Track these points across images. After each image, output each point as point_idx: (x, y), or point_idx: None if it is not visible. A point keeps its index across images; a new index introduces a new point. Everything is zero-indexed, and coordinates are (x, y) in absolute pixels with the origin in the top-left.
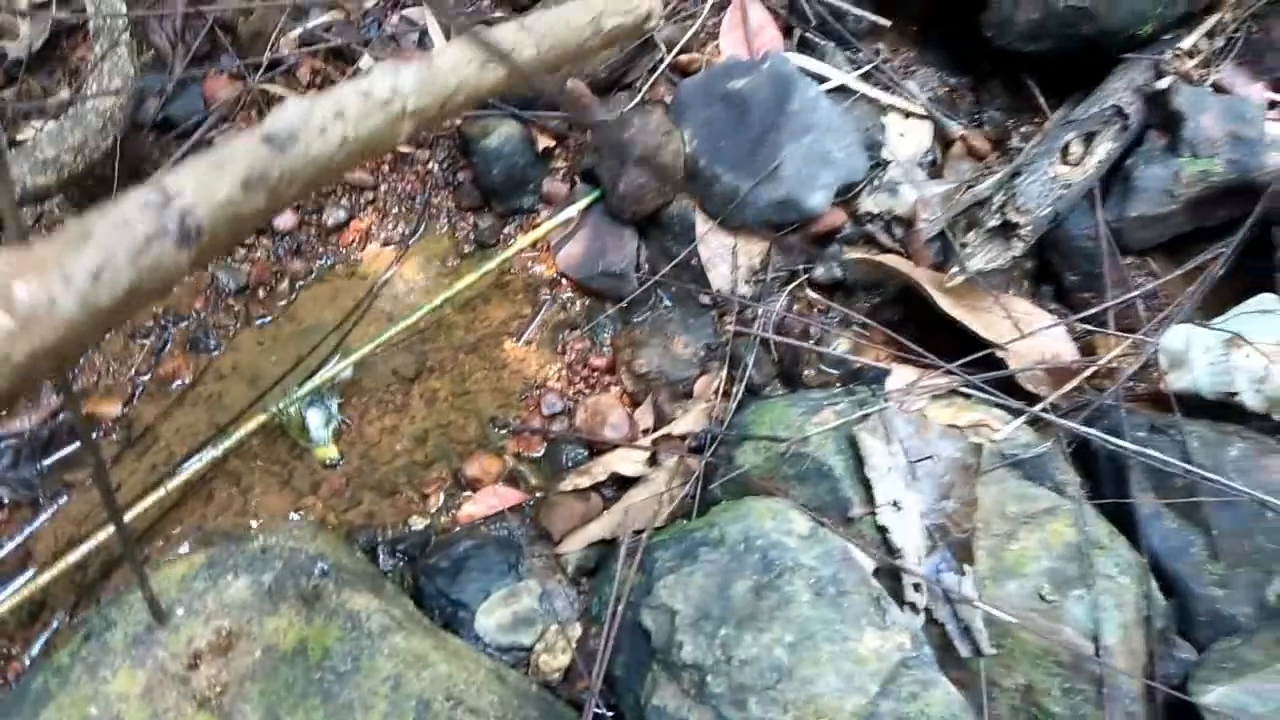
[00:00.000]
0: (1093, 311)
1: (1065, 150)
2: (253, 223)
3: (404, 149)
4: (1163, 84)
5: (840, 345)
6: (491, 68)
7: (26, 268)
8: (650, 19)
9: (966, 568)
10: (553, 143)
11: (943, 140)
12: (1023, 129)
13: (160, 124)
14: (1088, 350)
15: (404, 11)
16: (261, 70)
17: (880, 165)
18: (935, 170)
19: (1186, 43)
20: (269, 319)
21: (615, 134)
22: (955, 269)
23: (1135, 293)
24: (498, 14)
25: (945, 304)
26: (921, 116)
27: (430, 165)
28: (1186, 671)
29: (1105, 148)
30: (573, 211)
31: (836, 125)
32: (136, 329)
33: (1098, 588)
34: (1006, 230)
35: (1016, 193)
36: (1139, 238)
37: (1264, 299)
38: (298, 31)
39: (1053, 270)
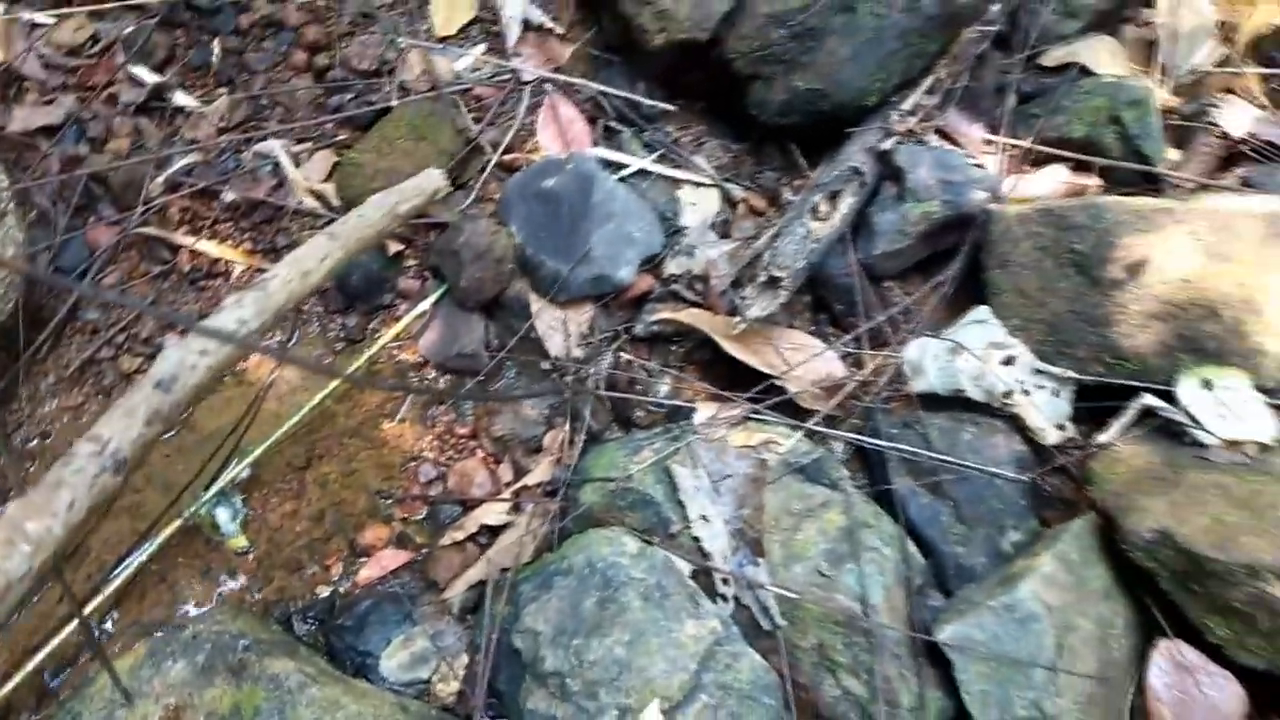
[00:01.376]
0: (851, 336)
1: (815, 209)
2: (157, 440)
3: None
4: (887, 145)
5: (662, 389)
6: (313, 273)
7: (31, 511)
8: (439, 192)
9: (760, 560)
10: (402, 246)
11: (729, 203)
12: (793, 184)
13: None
14: (858, 365)
15: (256, 147)
16: (137, 215)
17: (679, 232)
18: (725, 230)
19: (908, 103)
20: (174, 432)
21: (450, 241)
22: (738, 318)
23: (882, 317)
24: (341, 136)
25: (731, 348)
26: (710, 185)
27: None
28: (934, 616)
29: (848, 202)
30: (425, 305)
31: (634, 209)
32: None
33: (865, 559)
34: (773, 283)
35: (776, 252)
36: (887, 267)
37: (979, 311)
38: (164, 176)
39: (825, 302)
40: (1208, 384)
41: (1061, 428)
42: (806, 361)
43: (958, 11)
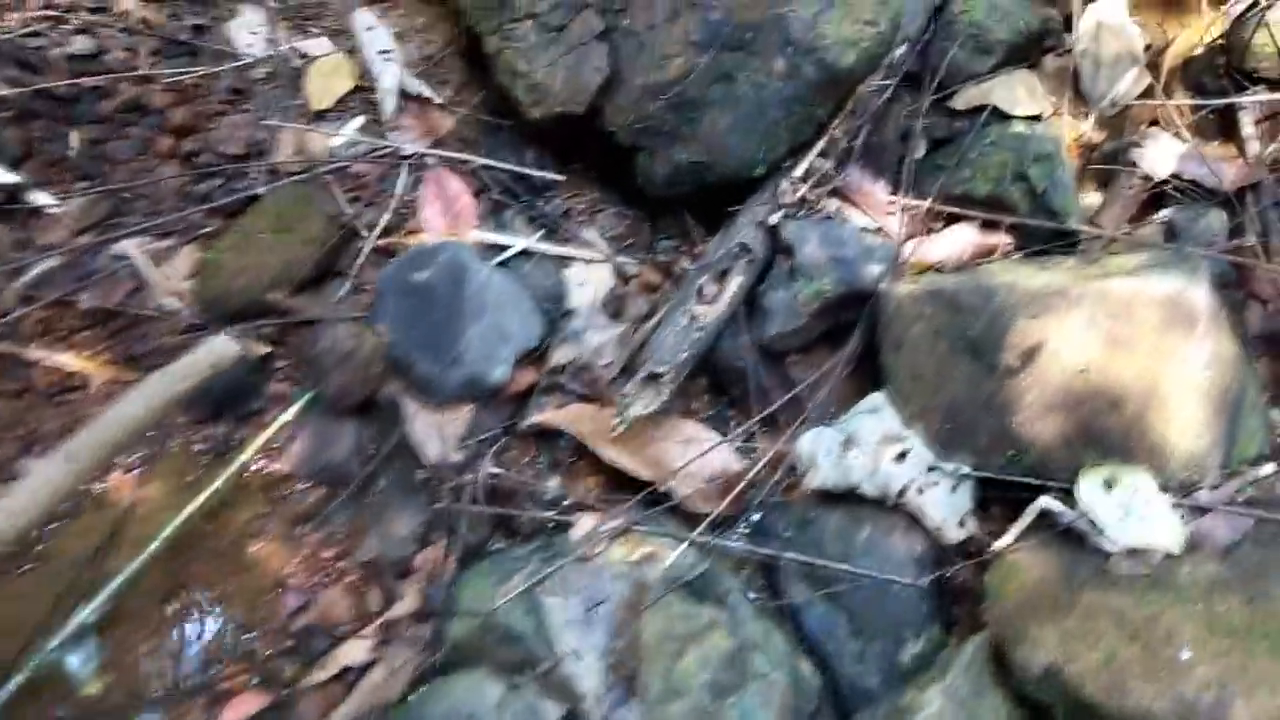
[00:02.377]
0: (743, 429)
1: (700, 292)
2: None
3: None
4: (774, 220)
5: (550, 489)
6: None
7: None
8: (227, 362)
9: (634, 701)
10: (268, 348)
11: (623, 278)
12: (691, 254)
13: None
14: (755, 457)
15: (114, 248)
16: None
17: (567, 315)
18: (618, 308)
19: (800, 169)
20: (28, 567)
21: (313, 346)
22: (618, 419)
23: (776, 405)
24: (208, 228)
25: (610, 454)
26: (600, 261)
27: None
28: None
29: (736, 282)
30: (293, 413)
31: (511, 300)
32: None
33: (751, 690)
34: (654, 378)
35: (656, 345)
36: (786, 344)
37: (874, 399)
38: (19, 285)
39: (723, 385)
40: (1109, 483)
41: (963, 524)
42: (698, 458)
43: (847, 72)
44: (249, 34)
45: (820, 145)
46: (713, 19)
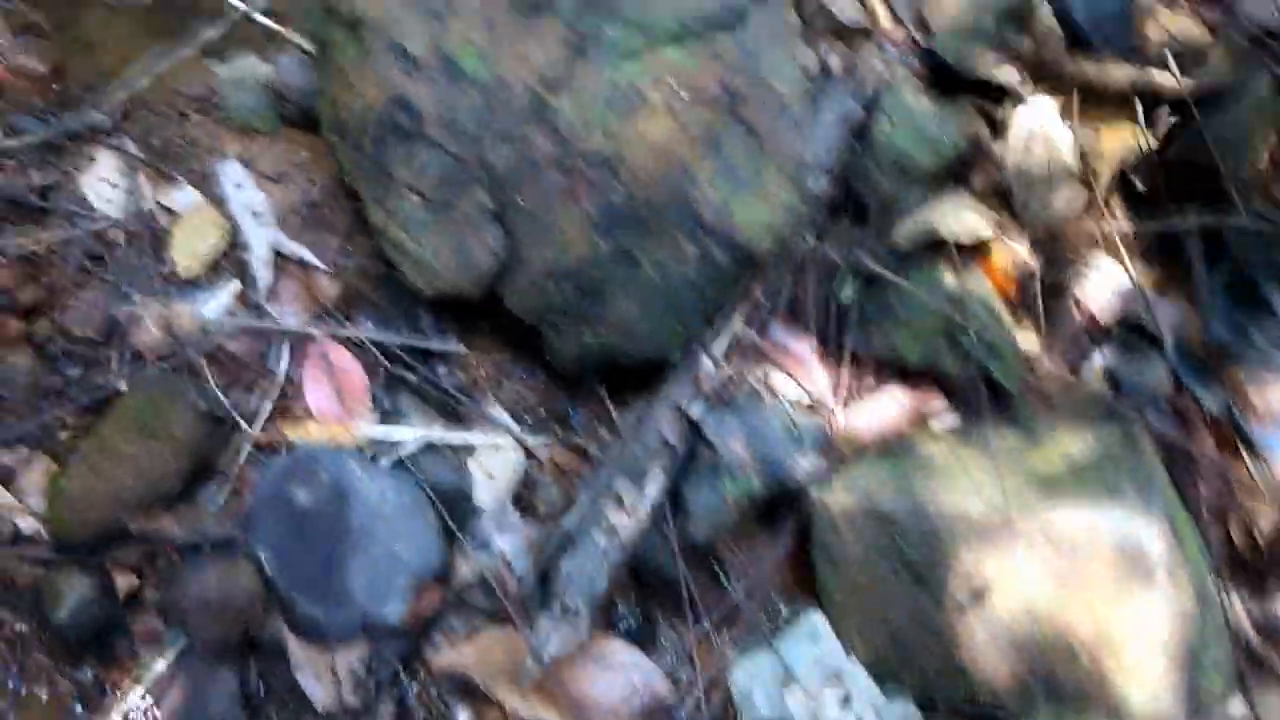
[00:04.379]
0: (672, 654)
1: (618, 498)
2: None
3: None
4: (695, 412)
5: None
6: None
7: None
8: None
9: None
10: (135, 580)
11: (535, 461)
12: (605, 431)
13: None
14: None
15: None
16: None
17: (474, 514)
18: (529, 498)
19: (719, 345)
20: None
21: (179, 590)
22: (529, 661)
23: (708, 623)
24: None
25: (522, 708)
26: (508, 444)
27: (16, 626)
28: None
29: (657, 484)
30: (164, 663)
31: (404, 522)
32: None
33: None
34: (571, 611)
35: (569, 577)
36: (717, 540)
37: (813, 621)
38: None
39: (646, 589)
40: None
41: None
42: (624, 693)
43: (763, 254)
44: (107, 187)
45: (740, 312)
46: (613, 200)
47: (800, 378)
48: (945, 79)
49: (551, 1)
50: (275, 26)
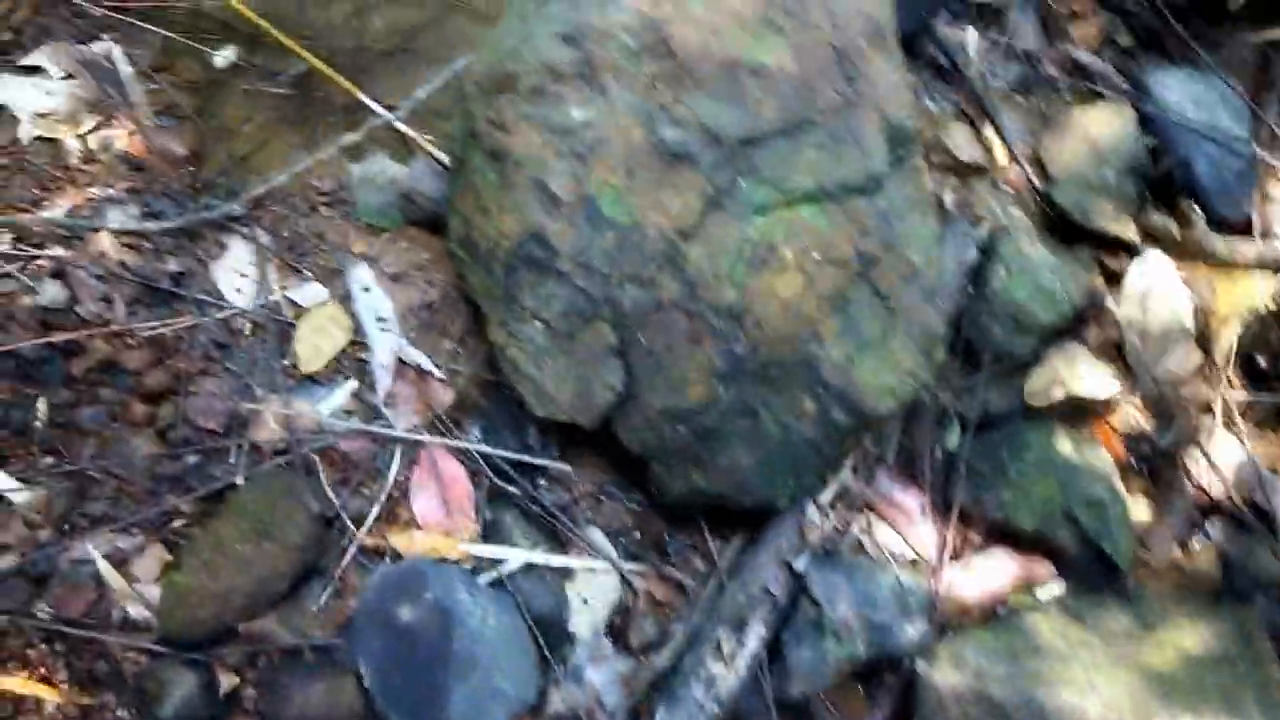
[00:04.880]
0: None
1: (718, 646)
2: None
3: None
4: (800, 564)
5: None
6: None
7: None
8: None
9: None
10: (236, 679)
11: (630, 590)
12: (705, 567)
13: None
14: None
15: (74, 551)
16: None
17: (569, 642)
18: (624, 628)
19: (826, 495)
20: None
21: (280, 708)
22: None
23: None
24: (177, 523)
25: None
26: (607, 570)
27: (119, 713)
28: None
29: (757, 637)
30: None
31: (503, 650)
32: None
33: None
34: None
35: None
36: (812, 701)
37: None
38: None
39: None
40: None
41: None
42: None
43: (883, 415)
44: (237, 276)
45: (849, 463)
46: (737, 350)
47: (906, 532)
48: (1062, 226)
49: (692, 153)
50: (412, 134)
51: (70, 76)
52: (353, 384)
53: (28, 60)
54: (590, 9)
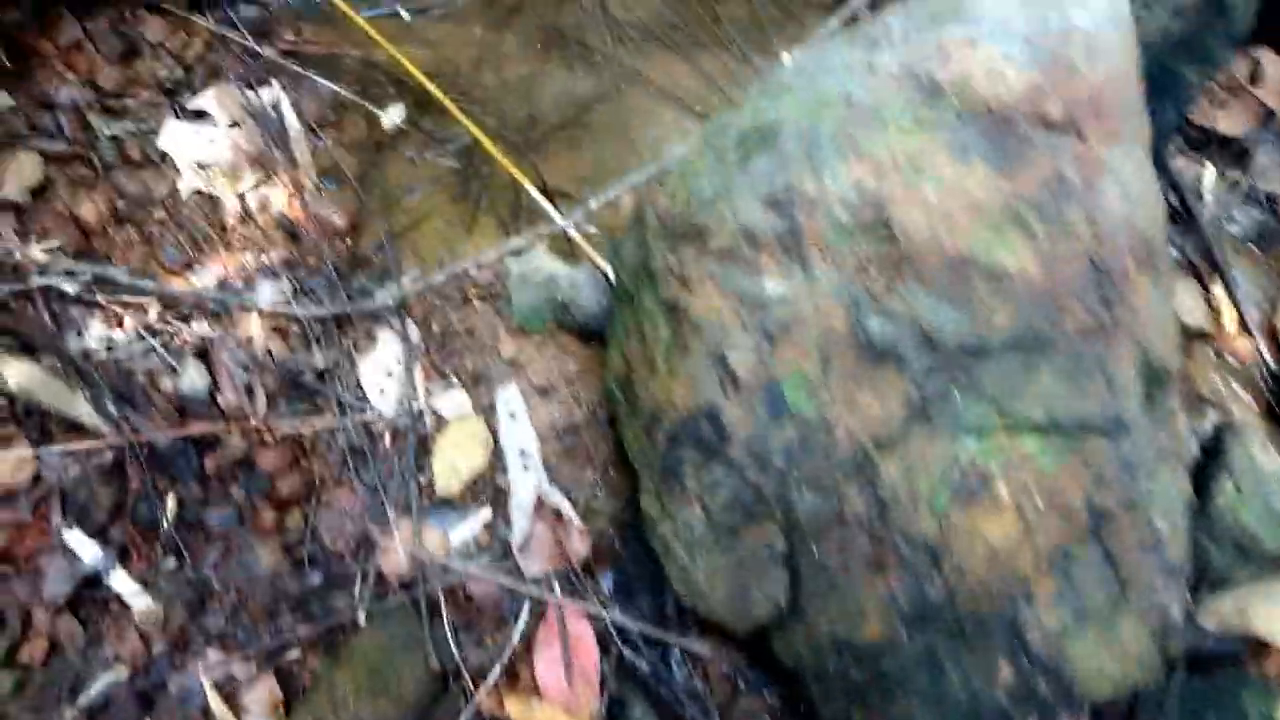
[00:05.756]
0: None
1: None
2: None
3: None
4: None
5: None
6: None
7: None
8: None
9: None
10: None
11: None
12: None
13: None
14: None
15: (185, 672)
16: None
17: None
18: None
19: None
20: None
21: None
22: None
23: None
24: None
25: None
26: None
27: None
28: None
29: None
30: None
31: None
32: None
33: None
34: None
35: None
36: None
37: None
38: (76, 708)
39: None
40: None
41: None
42: None
43: (1094, 700)
44: (383, 375)
45: None
46: (928, 592)
47: None
48: None
49: (901, 352)
50: (581, 242)
51: (235, 125)
52: (487, 513)
53: (195, 103)
54: (803, 172)
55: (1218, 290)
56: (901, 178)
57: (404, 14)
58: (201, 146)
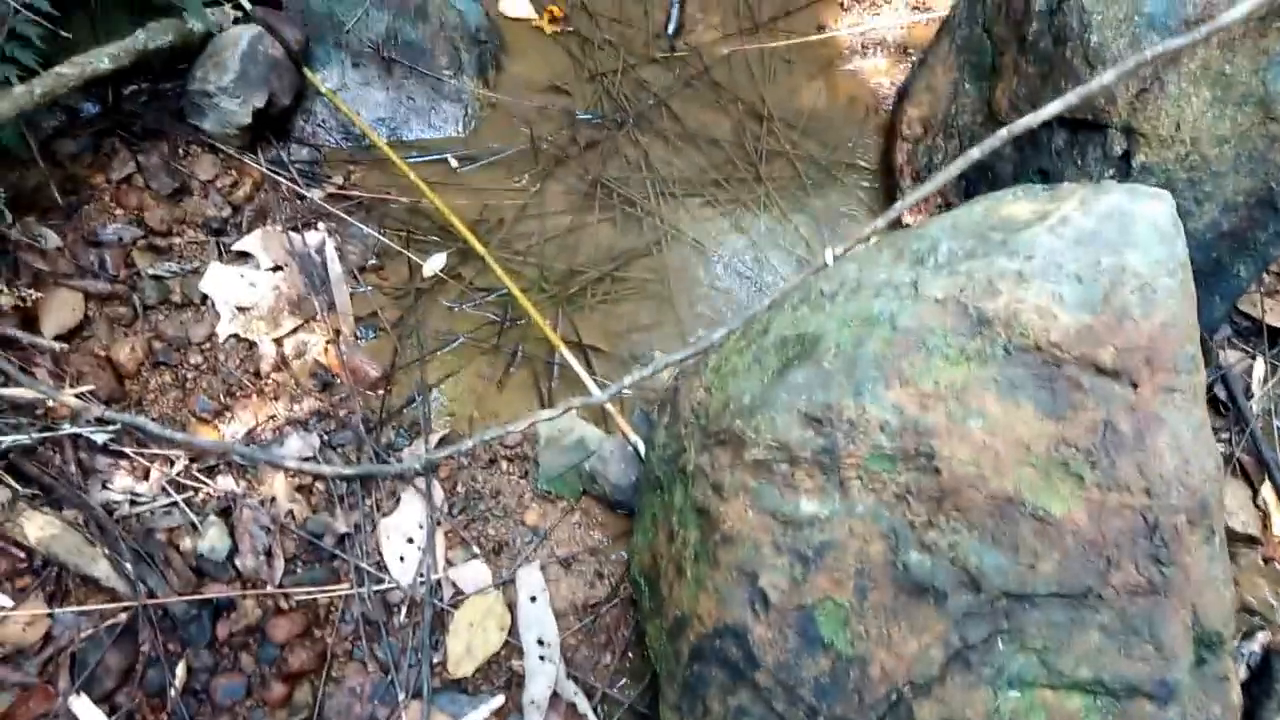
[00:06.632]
0: None
1: None
2: None
3: None
4: None
5: None
6: None
7: None
8: None
9: None
10: None
11: None
12: None
13: None
14: None
15: None
16: None
17: None
18: None
19: None
20: None
21: None
22: None
23: None
24: None
25: None
26: None
27: None
28: None
29: None
30: None
31: None
32: None
33: None
34: None
35: None
36: None
37: None
38: None
39: None
40: None
41: None
42: None
43: None
44: (403, 541)
45: None
46: None
47: None
48: None
49: (942, 590)
50: (615, 415)
51: (278, 268)
52: (499, 701)
53: (240, 244)
54: (845, 392)
55: (1266, 492)
56: (946, 409)
57: (452, 161)
58: (243, 290)
